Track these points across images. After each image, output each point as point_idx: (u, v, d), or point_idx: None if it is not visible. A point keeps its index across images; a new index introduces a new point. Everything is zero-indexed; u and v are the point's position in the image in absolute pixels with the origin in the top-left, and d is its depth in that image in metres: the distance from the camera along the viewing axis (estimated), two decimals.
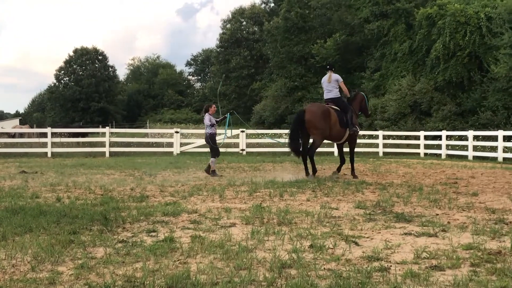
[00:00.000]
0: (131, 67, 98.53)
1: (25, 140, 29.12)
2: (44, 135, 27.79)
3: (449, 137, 28.01)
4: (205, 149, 27.62)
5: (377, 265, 4.87)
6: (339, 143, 15.38)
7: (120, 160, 22.61)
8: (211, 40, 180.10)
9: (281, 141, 21.50)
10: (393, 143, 30.18)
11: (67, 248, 5.59)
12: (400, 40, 40.61)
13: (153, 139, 31.01)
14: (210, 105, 15.68)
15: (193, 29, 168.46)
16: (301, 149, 14.16)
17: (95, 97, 76.71)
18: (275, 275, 4.55)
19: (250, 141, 29.17)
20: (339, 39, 45.34)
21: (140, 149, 28.18)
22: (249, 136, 29.52)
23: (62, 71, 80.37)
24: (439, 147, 27.92)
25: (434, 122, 33.65)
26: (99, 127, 39.89)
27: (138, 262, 5.04)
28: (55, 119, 74.72)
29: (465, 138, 26.38)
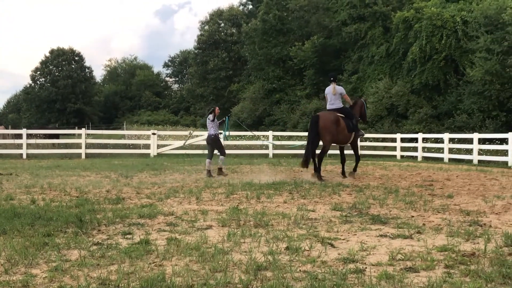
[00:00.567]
0: (108, 68, 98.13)
1: (0, 142, 28.74)
2: (19, 137, 27.44)
3: (425, 140, 28.24)
4: (182, 151, 27.64)
5: (353, 267, 4.89)
6: (342, 146, 16.26)
7: (96, 162, 22.44)
8: (189, 42, 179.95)
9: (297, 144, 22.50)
10: (370, 145, 30.33)
11: (41, 251, 5.53)
12: (377, 43, 40.90)
13: (130, 141, 30.82)
14: (215, 108, 16.49)
15: (171, 31, 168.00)
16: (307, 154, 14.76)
17: (72, 98, 76.13)
18: (251, 277, 4.55)
19: (228, 143, 29.12)
20: (317, 42, 45.50)
21: (117, 151, 27.98)
22: (226, 138, 29.44)
23: (38, 72, 79.70)
24: (416, 150, 28.13)
25: (411, 125, 33.91)
26: (75, 129, 39.57)
27: (113, 265, 5.00)
28: (31, 120, 74.05)
29: (441, 141, 26.61)
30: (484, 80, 29.26)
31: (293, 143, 25.83)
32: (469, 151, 24.75)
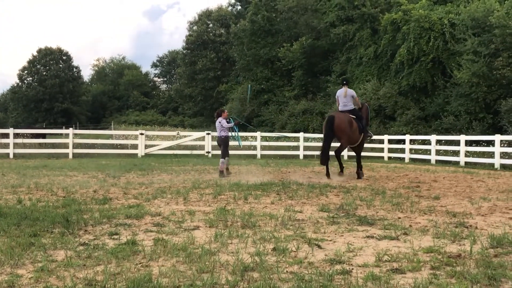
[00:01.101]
0: (96, 68, 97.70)
1: None
2: (6, 136, 27.21)
3: (413, 141, 28.37)
4: (170, 151, 27.60)
5: (339, 268, 4.90)
6: (353, 146, 16.94)
7: (84, 162, 22.33)
8: (178, 42, 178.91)
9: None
10: None
11: (27, 251, 5.50)
12: (365, 45, 41.03)
13: (118, 141, 30.72)
14: (223, 110, 16.83)
15: (160, 31, 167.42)
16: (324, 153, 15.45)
17: (59, 98, 75.77)
18: (238, 278, 4.54)
19: (216, 144, 29.04)
20: (305, 43, 45.58)
21: (104, 151, 27.87)
22: (215, 139, 29.40)
23: (26, 71, 79.26)
24: (403, 151, 28.26)
25: (398, 126, 34.06)
26: (63, 128, 39.34)
27: (99, 265, 4.98)
28: (18, 120, 73.55)
29: (428, 142, 26.74)
30: (471, 82, 29.46)
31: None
32: (456, 153, 24.90)
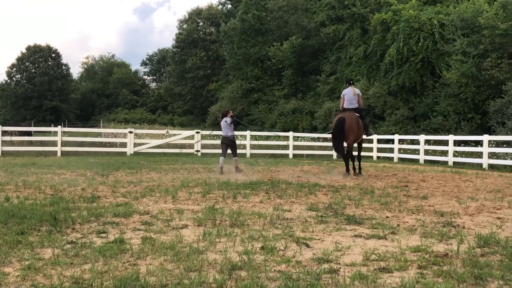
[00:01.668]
0: (85, 66, 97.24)
1: None
2: None
3: (401, 141, 28.45)
4: (159, 150, 27.53)
5: (327, 267, 4.91)
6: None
7: (72, 160, 22.23)
8: (168, 40, 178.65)
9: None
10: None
11: (14, 249, 5.46)
12: (355, 45, 41.16)
13: (107, 139, 30.64)
14: (228, 111, 17.54)
15: (150, 29, 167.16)
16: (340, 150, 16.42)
17: (48, 96, 75.49)
18: (225, 277, 4.54)
19: (205, 142, 29.08)
20: (295, 42, 45.63)
21: (93, 149, 27.77)
22: (204, 137, 29.45)
23: (14, 69, 78.94)
24: (392, 151, 28.34)
25: (387, 126, 34.17)
26: (51, 126, 39.18)
27: (87, 264, 4.96)
28: (6, 117, 73.17)
29: (417, 142, 26.84)
30: (460, 83, 29.61)
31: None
32: (445, 153, 25.00)
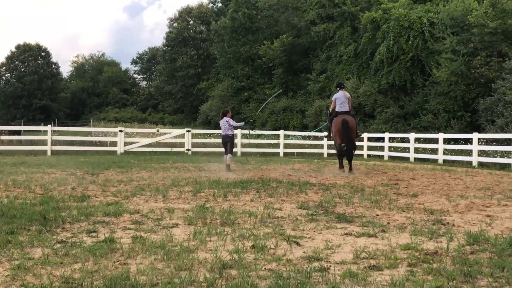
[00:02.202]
0: (75, 65, 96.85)
1: None
2: None
3: (392, 139, 28.54)
4: (149, 149, 27.48)
5: (317, 265, 4.91)
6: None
7: (62, 159, 22.15)
8: (158, 39, 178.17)
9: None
10: None
11: (4, 249, 5.43)
12: (346, 43, 41.24)
13: (97, 138, 30.54)
14: (228, 110, 17.93)
15: (140, 27, 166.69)
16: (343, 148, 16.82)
17: (38, 94, 75.24)
18: (216, 276, 4.53)
19: (196, 141, 29.05)
20: (286, 41, 45.67)
21: (83, 148, 27.68)
22: (195, 136, 29.43)
23: (4, 67, 78.73)
24: (382, 149, 28.41)
25: (377, 124, 34.26)
26: (41, 125, 39.01)
27: (77, 263, 4.94)
28: None
29: (407, 140, 26.93)
30: (450, 81, 29.74)
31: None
32: (435, 151, 25.09)
